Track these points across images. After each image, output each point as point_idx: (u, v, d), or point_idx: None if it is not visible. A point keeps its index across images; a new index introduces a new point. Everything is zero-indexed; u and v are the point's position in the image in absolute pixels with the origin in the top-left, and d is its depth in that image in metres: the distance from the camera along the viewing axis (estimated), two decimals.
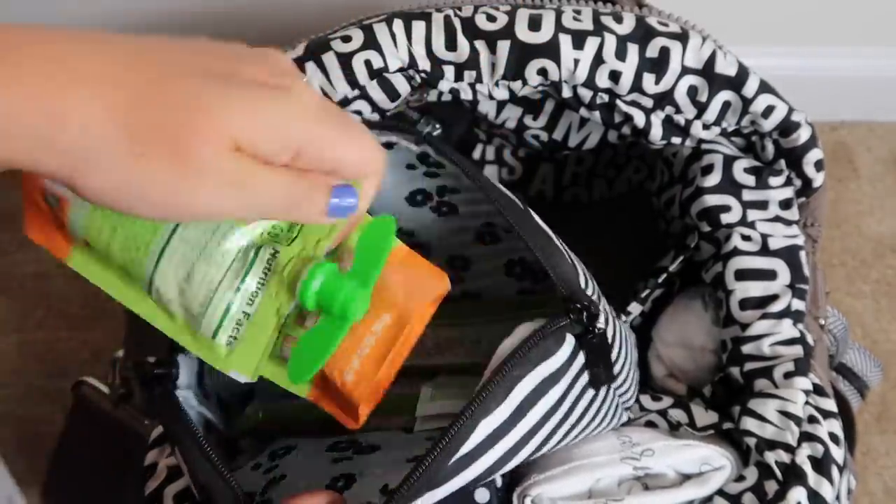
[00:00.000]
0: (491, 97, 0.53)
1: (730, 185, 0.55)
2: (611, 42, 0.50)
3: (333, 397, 0.40)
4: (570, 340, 0.41)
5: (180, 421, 0.42)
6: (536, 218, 0.43)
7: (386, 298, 0.38)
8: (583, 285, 0.41)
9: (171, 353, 0.45)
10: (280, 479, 0.46)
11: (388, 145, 0.49)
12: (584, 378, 0.42)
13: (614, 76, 0.51)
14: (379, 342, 0.38)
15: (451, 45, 0.51)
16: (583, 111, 0.54)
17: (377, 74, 0.51)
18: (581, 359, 0.42)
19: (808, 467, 0.47)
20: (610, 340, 0.43)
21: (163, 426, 0.46)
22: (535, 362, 0.40)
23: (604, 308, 0.42)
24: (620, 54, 0.51)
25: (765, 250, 0.54)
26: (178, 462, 0.44)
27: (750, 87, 0.52)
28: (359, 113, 0.53)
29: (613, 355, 0.44)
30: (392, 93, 0.52)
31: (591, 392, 0.43)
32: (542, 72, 0.51)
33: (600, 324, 0.41)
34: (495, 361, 0.40)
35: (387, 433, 0.50)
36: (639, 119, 0.53)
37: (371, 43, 0.50)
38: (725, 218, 0.55)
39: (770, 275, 0.53)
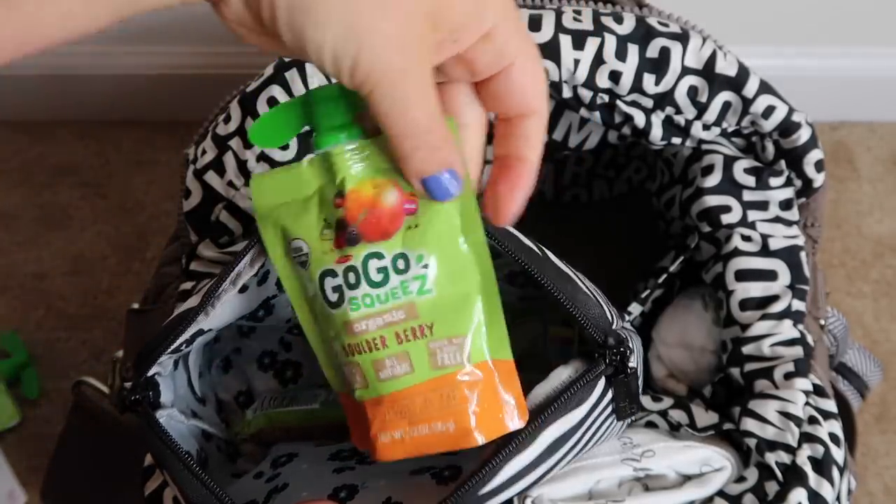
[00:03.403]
0: None
1: (730, 186, 0.55)
2: (611, 42, 0.50)
3: (354, 412, 0.38)
4: (601, 382, 0.41)
5: (165, 445, 0.41)
6: (553, 258, 0.42)
7: (461, 407, 0.35)
8: (611, 321, 0.41)
9: (145, 373, 0.43)
10: (282, 489, 0.46)
11: None
12: (609, 410, 0.42)
13: (614, 76, 0.51)
14: (431, 438, 0.36)
15: None
16: (583, 111, 0.54)
17: None
18: (609, 396, 0.41)
19: (808, 468, 0.47)
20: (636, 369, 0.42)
21: (149, 451, 0.45)
22: (567, 410, 0.39)
23: (633, 345, 0.41)
24: (621, 55, 0.51)
25: (765, 251, 0.53)
26: (170, 485, 0.44)
27: (750, 88, 0.52)
28: None
29: (639, 383, 0.43)
30: None
31: (612, 419, 0.43)
32: None
33: (632, 363, 0.40)
34: (528, 405, 0.39)
35: None
36: (639, 119, 0.53)
37: None
38: (726, 218, 0.55)
39: (770, 275, 0.53)
